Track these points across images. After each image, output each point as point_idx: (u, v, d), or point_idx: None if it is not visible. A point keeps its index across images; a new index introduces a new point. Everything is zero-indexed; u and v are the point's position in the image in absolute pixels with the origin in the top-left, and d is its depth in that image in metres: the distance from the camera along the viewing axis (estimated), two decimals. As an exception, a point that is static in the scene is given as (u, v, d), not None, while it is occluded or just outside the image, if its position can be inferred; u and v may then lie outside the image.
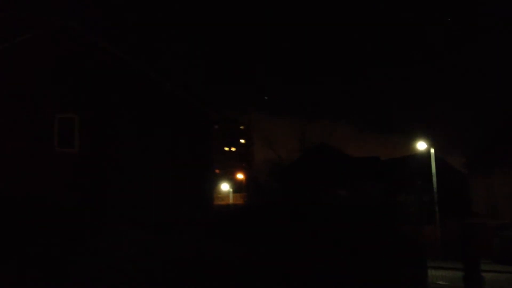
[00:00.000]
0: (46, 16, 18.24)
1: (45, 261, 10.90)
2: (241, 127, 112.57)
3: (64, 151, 17.70)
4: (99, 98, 18.07)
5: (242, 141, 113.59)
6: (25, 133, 17.25)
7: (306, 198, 21.84)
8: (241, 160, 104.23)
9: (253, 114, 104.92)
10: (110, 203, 16.87)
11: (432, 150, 38.46)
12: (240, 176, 78.06)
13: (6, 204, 13.41)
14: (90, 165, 17.68)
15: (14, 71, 17.43)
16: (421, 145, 39.53)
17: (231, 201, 58.72)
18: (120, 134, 18.14)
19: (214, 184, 22.42)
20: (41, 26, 18.11)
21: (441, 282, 19.82)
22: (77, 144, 17.86)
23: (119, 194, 17.19)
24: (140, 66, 19.14)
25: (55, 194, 16.41)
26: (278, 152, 51.00)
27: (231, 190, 63.71)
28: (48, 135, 17.52)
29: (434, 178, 37.58)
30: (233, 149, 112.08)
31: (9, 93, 17.25)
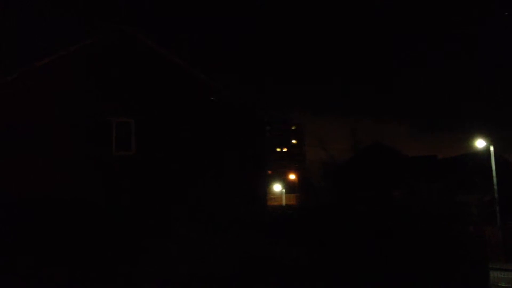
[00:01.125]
0: (103, 23, 18.80)
1: (106, 263, 11.18)
2: (293, 128, 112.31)
3: (121, 154, 18.19)
4: (154, 103, 18.51)
5: (293, 141, 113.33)
6: (85, 137, 17.79)
7: (361, 199, 21.46)
8: (293, 160, 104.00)
9: (305, 115, 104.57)
10: (167, 203, 17.16)
11: (491, 148, 37.04)
12: (292, 176, 77.77)
13: (70, 206, 13.84)
14: (147, 167, 18.13)
15: (73, 77, 18.01)
16: (480, 143, 38.13)
17: (283, 202, 58.58)
18: (174, 137, 18.50)
19: (267, 184, 22.37)
20: (98, 32, 18.67)
21: (502, 284, 19.07)
22: (134, 147, 18.34)
23: (175, 194, 17.50)
24: (191, 70, 19.42)
25: (114, 195, 16.89)
26: (330, 152, 50.42)
27: (283, 190, 63.57)
28: (107, 139, 18.03)
29: (495, 177, 36.16)
30: (284, 149, 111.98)
31: (70, 99, 17.83)
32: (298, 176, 77.24)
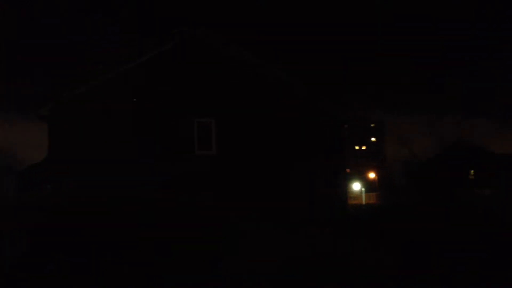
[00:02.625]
0: (182, 27, 19.30)
1: (186, 261, 11.46)
2: (372, 125, 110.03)
3: (203, 154, 18.61)
4: (234, 103, 18.80)
5: (373, 139, 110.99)
6: (168, 138, 18.37)
7: (446, 198, 20.65)
8: (372, 158, 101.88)
9: (384, 111, 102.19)
10: (247, 202, 17.40)
11: None
12: (372, 175, 76.27)
13: (155, 206, 14.30)
14: (227, 166, 18.46)
15: (156, 80, 18.64)
16: None
17: (363, 200, 57.65)
18: (253, 137, 18.72)
19: (347, 183, 22.10)
20: (178, 36, 19.19)
21: None
22: (215, 147, 18.72)
23: (256, 194, 17.70)
24: (269, 70, 19.53)
25: (196, 195, 17.32)
26: (411, 150, 49.03)
27: (363, 189, 62.55)
28: (189, 139, 18.52)
29: None
30: (363, 147, 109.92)
31: (153, 100, 18.46)
32: (378, 175, 75.63)
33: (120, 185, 16.80)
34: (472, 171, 38.33)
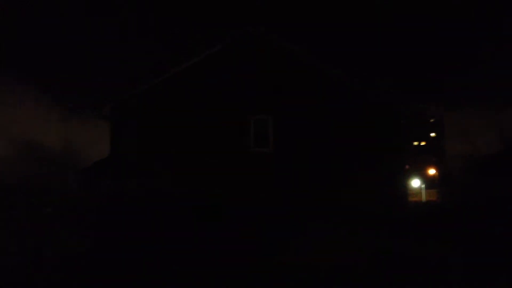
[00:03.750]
0: (239, 24, 19.44)
1: (245, 256, 11.53)
2: (431, 120, 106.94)
3: (259, 151, 18.68)
4: (290, 100, 18.76)
5: (432, 134, 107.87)
6: (226, 135, 18.56)
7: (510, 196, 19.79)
8: (432, 154, 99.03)
9: (444, 106, 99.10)
10: (304, 199, 17.34)
11: None
12: (432, 171, 74.11)
13: (212, 202, 14.50)
14: (283, 163, 18.44)
15: (212, 77, 18.86)
16: None
17: (423, 197, 56.11)
18: (310, 134, 18.61)
19: (406, 180, 21.57)
20: (235, 34, 19.33)
21: None
22: (271, 144, 18.74)
23: (313, 191, 17.60)
24: (327, 67, 19.36)
25: (253, 191, 17.41)
26: (473, 145, 47.29)
27: (423, 186, 60.86)
28: (246, 136, 18.63)
29: None
30: (422, 143, 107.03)
31: (211, 99, 18.69)
32: (438, 171, 73.42)
33: (178, 182, 17.16)
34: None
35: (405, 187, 20.58)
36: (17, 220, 13.23)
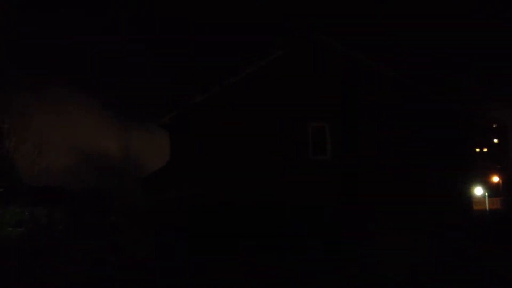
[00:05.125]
0: (296, 31, 19.38)
1: (309, 262, 11.41)
2: (494, 126, 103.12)
3: (317, 158, 18.49)
4: (348, 106, 18.48)
5: (495, 140, 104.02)
6: (281, 143, 18.47)
7: None
8: (495, 161, 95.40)
9: (507, 111, 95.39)
10: (363, 206, 17.03)
11: None
12: (495, 179, 71.34)
13: (272, 208, 14.45)
14: (342, 171, 18.16)
15: (269, 85, 18.84)
16: None
17: (487, 206, 54.05)
18: (369, 140, 18.26)
19: (470, 187, 20.78)
20: (292, 41, 19.29)
21: None
22: (329, 151, 18.51)
23: (373, 198, 17.25)
24: (387, 71, 18.97)
25: (311, 199, 17.23)
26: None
27: (486, 194, 58.66)
28: (304, 144, 18.48)
29: None
30: (485, 149, 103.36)
31: (266, 106, 18.67)
32: (502, 178, 70.70)
33: (239, 189, 17.22)
34: None
35: (470, 194, 19.87)
36: (82, 227, 13.59)
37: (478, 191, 60.23)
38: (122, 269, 10.28)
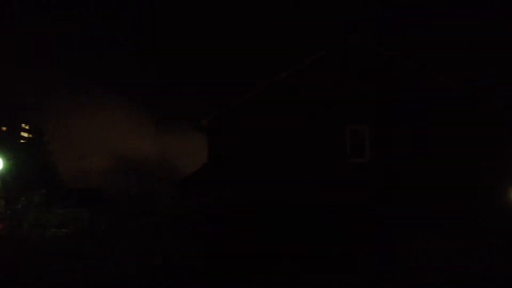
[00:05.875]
0: (336, 33, 19.31)
1: (350, 265, 11.32)
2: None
3: (355, 161, 18.33)
4: (387, 108, 18.27)
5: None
6: (319, 144, 18.37)
7: None
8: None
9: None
10: (400, 208, 16.79)
11: None
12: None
13: (308, 210, 14.39)
14: (381, 174, 17.95)
15: (307, 87, 18.77)
16: None
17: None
18: (410, 143, 18.02)
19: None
20: (332, 43, 19.21)
21: None
22: (368, 154, 18.34)
23: (408, 200, 16.99)
24: (427, 71, 18.68)
25: (348, 201, 17.08)
26: None
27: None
28: (341, 146, 18.35)
29: None
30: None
31: (304, 107, 18.60)
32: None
33: (277, 191, 17.22)
34: None
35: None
36: (124, 229, 13.82)
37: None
38: (167, 272, 10.38)
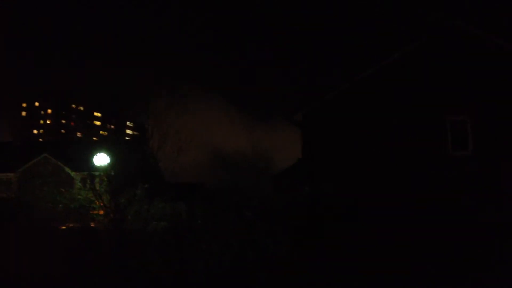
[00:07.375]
0: (432, 19, 18.41)
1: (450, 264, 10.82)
2: None
3: (457, 154, 17.39)
4: (493, 100, 17.17)
5: None
6: (416, 138, 17.58)
7: None
8: None
9: None
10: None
11: None
12: None
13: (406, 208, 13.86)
14: (485, 167, 16.91)
15: (402, 78, 18.06)
16: None
17: None
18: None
19: None
20: (428, 30, 18.34)
21: None
22: (471, 147, 17.35)
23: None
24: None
25: (450, 196, 16.27)
26: None
27: None
28: (442, 139, 17.48)
29: None
30: None
31: (400, 99, 17.92)
32: None
33: (372, 186, 16.79)
34: None
35: None
36: (220, 223, 14.09)
37: None
38: (261, 266, 10.45)
